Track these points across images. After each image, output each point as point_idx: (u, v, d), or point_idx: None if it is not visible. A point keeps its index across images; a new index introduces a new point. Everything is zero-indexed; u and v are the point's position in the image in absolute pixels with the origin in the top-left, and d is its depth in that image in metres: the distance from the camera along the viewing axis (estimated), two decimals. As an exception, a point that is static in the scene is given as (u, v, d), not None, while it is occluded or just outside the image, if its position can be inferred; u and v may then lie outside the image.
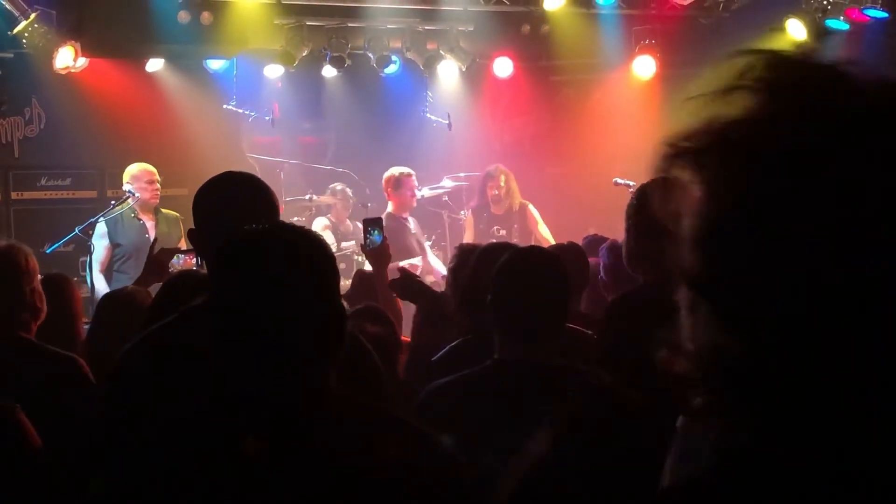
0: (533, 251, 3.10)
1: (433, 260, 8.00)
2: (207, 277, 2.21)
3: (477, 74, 9.25)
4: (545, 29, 9.03)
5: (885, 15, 8.03)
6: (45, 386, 3.12)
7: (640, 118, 9.15)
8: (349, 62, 8.73)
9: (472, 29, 8.86)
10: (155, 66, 8.38)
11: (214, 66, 8.73)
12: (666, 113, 8.93)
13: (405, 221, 7.78)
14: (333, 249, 5.96)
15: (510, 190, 8.07)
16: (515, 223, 8.06)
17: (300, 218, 8.34)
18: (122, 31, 7.86)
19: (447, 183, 8.67)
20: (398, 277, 4.20)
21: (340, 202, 8.48)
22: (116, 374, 2.39)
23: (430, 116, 9.35)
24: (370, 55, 8.82)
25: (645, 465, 1.39)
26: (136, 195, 6.89)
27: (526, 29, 9.05)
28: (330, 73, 8.97)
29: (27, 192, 8.26)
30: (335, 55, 8.60)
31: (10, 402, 2.62)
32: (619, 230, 3.25)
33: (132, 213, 6.99)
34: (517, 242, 4.77)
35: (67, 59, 7.60)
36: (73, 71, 7.75)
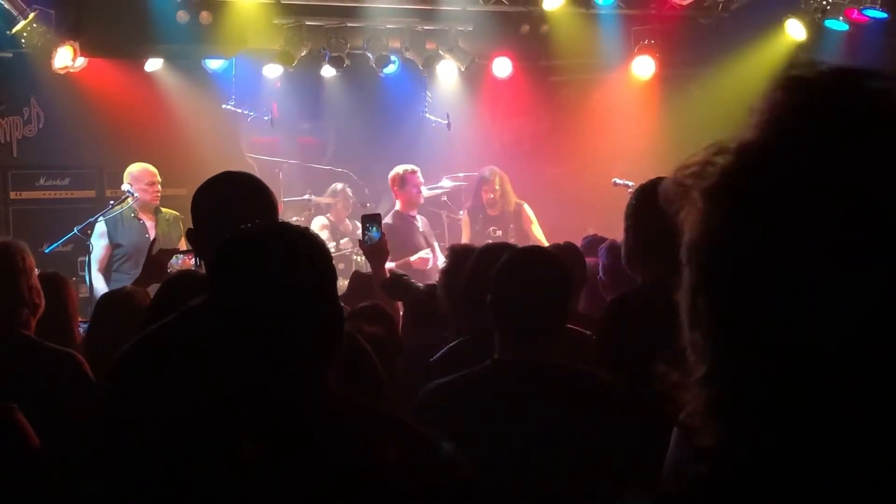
0: (533, 251, 3.10)
1: (441, 258, 7.99)
2: (206, 277, 2.21)
3: (476, 74, 9.23)
4: (544, 29, 9.02)
5: (884, 15, 8.02)
6: (44, 382, 3.13)
7: (639, 118, 9.17)
8: (348, 62, 8.72)
9: (471, 29, 8.84)
10: (154, 65, 8.37)
11: (213, 65, 8.71)
12: (665, 113, 8.95)
13: (413, 219, 7.75)
14: (331, 249, 5.94)
15: (505, 193, 8.04)
16: (511, 223, 8.05)
17: (299, 217, 8.33)
18: (120, 30, 7.85)
19: (446, 183, 8.67)
20: (387, 278, 4.19)
21: (341, 202, 8.48)
22: (115, 374, 2.39)
23: (429, 116, 9.34)
24: (369, 55, 8.81)
25: None
26: (135, 195, 6.88)
27: (525, 29, 9.04)
28: (329, 72, 8.95)
29: (26, 191, 8.26)
30: (334, 55, 8.59)
31: (8, 402, 2.62)
32: (618, 230, 3.25)
33: (132, 213, 6.99)
34: (514, 243, 4.77)
35: (66, 58, 7.59)
36: (71, 71, 7.75)
